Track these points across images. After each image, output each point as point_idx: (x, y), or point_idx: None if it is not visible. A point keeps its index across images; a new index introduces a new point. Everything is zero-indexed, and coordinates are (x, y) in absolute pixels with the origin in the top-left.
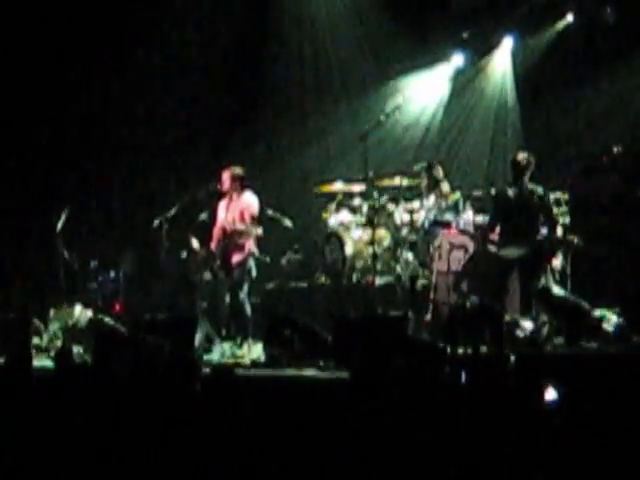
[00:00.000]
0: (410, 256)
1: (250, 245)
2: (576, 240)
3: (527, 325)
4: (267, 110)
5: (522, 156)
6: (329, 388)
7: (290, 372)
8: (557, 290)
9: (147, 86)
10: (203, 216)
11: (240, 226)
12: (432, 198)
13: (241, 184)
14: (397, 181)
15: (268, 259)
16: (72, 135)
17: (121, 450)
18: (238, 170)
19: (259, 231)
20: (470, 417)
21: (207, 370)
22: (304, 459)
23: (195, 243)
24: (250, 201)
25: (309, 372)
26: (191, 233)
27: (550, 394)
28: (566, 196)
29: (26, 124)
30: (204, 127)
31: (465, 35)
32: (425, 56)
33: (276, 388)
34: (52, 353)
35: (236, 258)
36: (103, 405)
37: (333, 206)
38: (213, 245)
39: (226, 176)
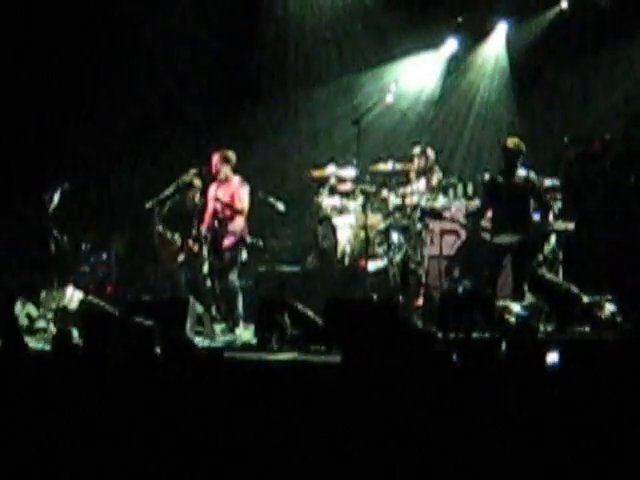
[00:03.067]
0: (402, 241)
1: (241, 228)
2: (568, 226)
3: (519, 311)
4: (261, 94)
5: (512, 142)
6: (320, 372)
7: (281, 355)
8: (549, 276)
9: (140, 69)
10: (170, 203)
11: (230, 212)
12: (424, 182)
13: (231, 167)
14: (390, 166)
15: (261, 242)
16: (65, 116)
17: (114, 433)
18: (227, 153)
19: (245, 209)
20: (461, 400)
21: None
22: (295, 443)
23: (167, 233)
24: (239, 185)
25: (300, 355)
26: (160, 223)
27: (552, 357)
28: (558, 182)
29: (18, 106)
30: (198, 109)
31: (460, 20)
32: (419, 40)
33: (267, 371)
34: (43, 335)
35: (227, 242)
36: (94, 387)
37: (326, 190)
38: (204, 229)
39: (216, 159)
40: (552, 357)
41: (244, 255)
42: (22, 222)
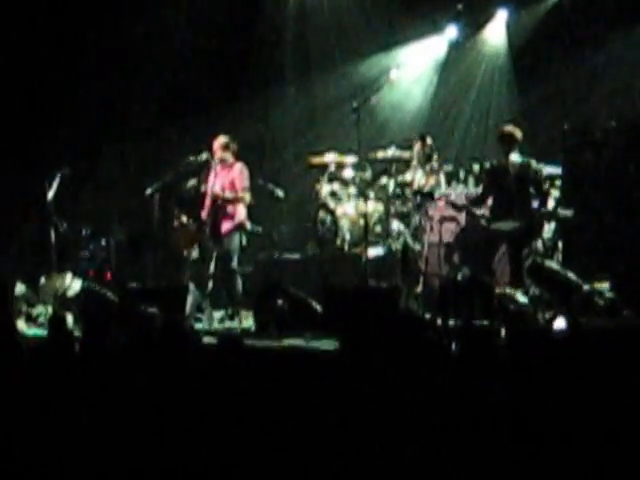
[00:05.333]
0: (402, 228)
1: (240, 214)
2: (568, 214)
3: (518, 298)
4: (261, 81)
5: (510, 129)
6: (319, 358)
7: (280, 342)
8: (548, 264)
9: (142, 54)
10: (190, 184)
11: (229, 195)
12: (424, 170)
13: (231, 153)
14: (390, 153)
15: (260, 229)
16: (65, 101)
17: (112, 421)
18: (228, 138)
19: (248, 198)
20: (459, 388)
21: (205, 338)
22: (292, 429)
23: (184, 218)
24: (241, 171)
25: (299, 342)
26: (178, 207)
27: (559, 323)
28: (559, 170)
29: (17, 91)
30: (199, 96)
31: (459, 7)
32: (419, 28)
33: (265, 358)
34: (42, 321)
35: (226, 227)
36: (94, 374)
37: (325, 177)
38: (204, 214)
39: (217, 144)
40: (559, 323)
41: (243, 241)
42: (21, 208)
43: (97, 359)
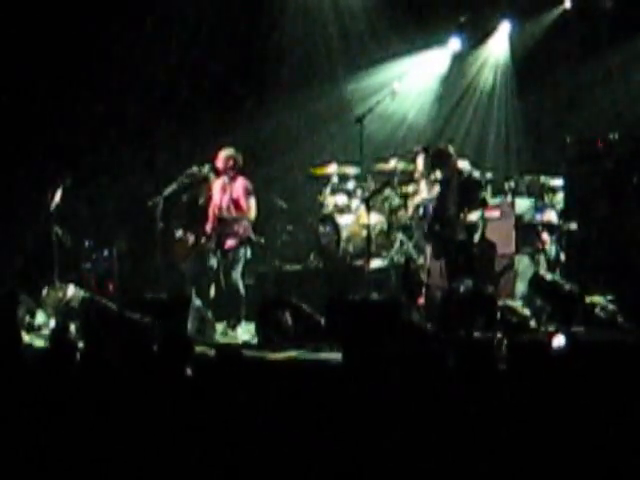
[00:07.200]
0: (404, 239)
1: (246, 229)
2: (570, 226)
3: (520, 310)
4: (265, 92)
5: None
6: (321, 370)
7: (283, 354)
8: (550, 276)
9: (146, 63)
10: (190, 196)
11: (237, 215)
12: (427, 182)
13: (235, 165)
14: (392, 165)
15: (262, 240)
16: (67, 111)
17: (111, 431)
18: (234, 151)
19: (255, 215)
20: (462, 400)
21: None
22: (295, 440)
23: (179, 232)
24: (246, 189)
25: (301, 354)
26: (176, 220)
27: (558, 340)
28: (560, 181)
29: (19, 99)
30: (200, 106)
31: (462, 19)
32: (422, 40)
33: (268, 370)
34: (44, 332)
35: (230, 242)
36: (94, 384)
37: (328, 189)
38: (209, 228)
39: (222, 156)
40: (558, 340)
41: (248, 254)
42: (24, 219)
43: (98, 369)
